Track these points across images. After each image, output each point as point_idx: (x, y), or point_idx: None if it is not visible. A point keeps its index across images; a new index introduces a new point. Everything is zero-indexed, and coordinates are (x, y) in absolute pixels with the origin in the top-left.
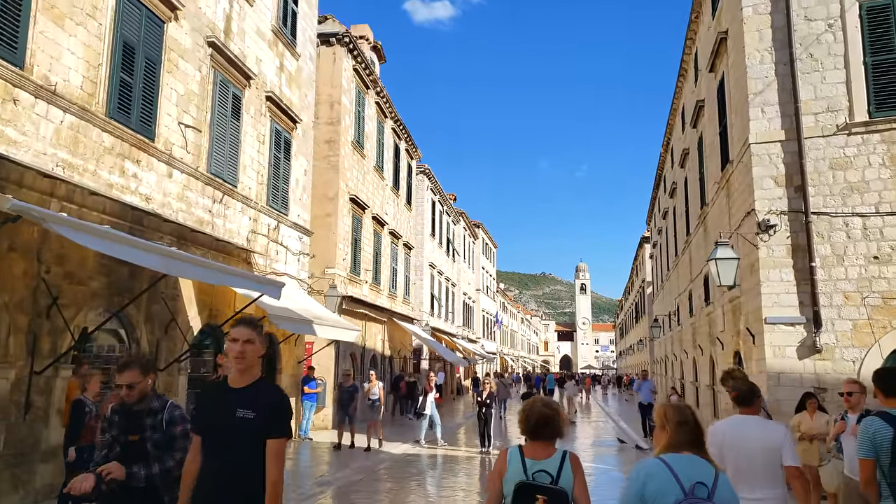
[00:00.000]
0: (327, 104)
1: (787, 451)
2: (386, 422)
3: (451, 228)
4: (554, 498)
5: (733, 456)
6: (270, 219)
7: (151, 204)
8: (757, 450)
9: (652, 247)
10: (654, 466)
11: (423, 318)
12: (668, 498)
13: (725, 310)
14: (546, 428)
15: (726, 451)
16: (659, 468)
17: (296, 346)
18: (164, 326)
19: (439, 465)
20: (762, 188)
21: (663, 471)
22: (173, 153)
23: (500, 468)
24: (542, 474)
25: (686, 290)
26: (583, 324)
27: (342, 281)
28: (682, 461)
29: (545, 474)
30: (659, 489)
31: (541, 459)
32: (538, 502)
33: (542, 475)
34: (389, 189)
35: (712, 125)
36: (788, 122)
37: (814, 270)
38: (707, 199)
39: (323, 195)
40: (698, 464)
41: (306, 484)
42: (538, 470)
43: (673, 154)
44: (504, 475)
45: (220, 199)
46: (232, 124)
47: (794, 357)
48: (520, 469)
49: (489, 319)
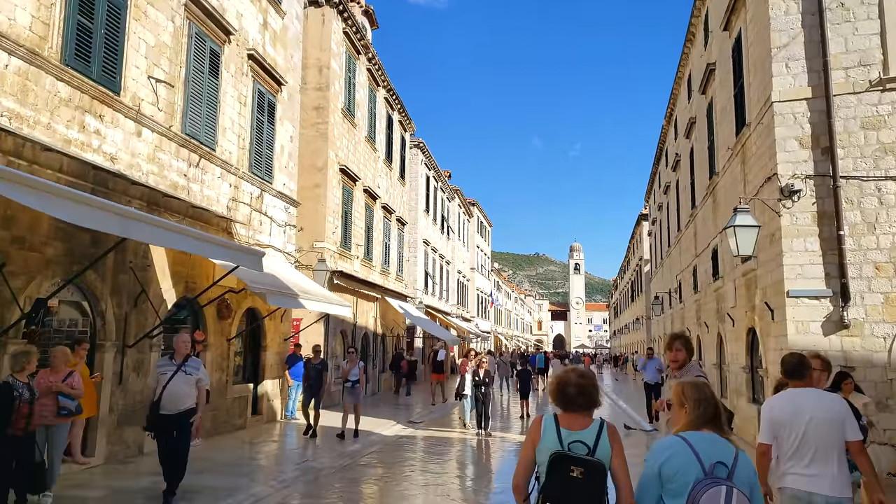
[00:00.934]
0: (315, 68)
1: (850, 424)
2: (386, 401)
3: (446, 205)
4: (591, 470)
5: (786, 432)
6: (253, 186)
7: (117, 164)
8: (812, 423)
9: (651, 224)
10: (674, 444)
11: (416, 295)
12: (687, 477)
13: (738, 284)
14: (580, 397)
15: (778, 428)
16: (679, 446)
17: (282, 323)
18: (133, 299)
19: (433, 449)
20: (785, 150)
21: (684, 449)
22: (142, 110)
23: (533, 436)
24: (578, 445)
25: (690, 265)
26: (576, 303)
27: (332, 255)
28: (703, 440)
29: (581, 445)
30: (679, 468)
31: (577, 430)
32: (574, 474)
33: (577, 446)
34: (382, 162)
35: (725, 88)
36: (816, 77)
37: (842, 239)
38: (717, 168)
39: (311, 165)
40: (719, 443)
41: (288, 469)
42: (574, 440)
43: (677, 125)
44: (538, 444)
45: (196, 162)
46: (210, 82)
47: (819, 333)
48: (555, 439)
49: (484, 298)
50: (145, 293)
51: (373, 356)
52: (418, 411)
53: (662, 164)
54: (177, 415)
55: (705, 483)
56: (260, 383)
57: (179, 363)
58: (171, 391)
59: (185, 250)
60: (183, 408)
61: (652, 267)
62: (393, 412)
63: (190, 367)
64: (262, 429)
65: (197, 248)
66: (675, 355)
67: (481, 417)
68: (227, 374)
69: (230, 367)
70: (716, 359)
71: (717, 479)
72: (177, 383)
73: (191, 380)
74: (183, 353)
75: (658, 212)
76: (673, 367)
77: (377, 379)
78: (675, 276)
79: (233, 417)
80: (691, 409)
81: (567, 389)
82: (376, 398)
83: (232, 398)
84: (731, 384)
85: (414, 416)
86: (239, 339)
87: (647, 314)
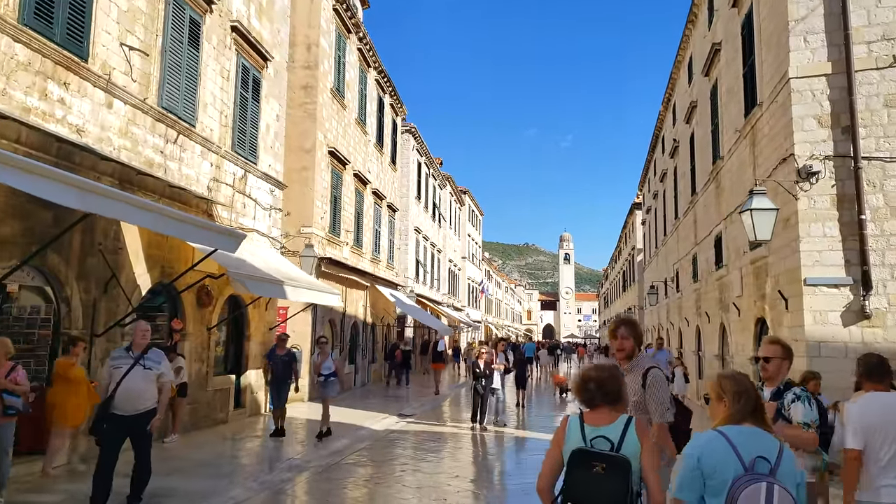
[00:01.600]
0: (304, 46)
1: None
2: (376, 393)
3: (438, 193)
4: (613, 466)
5: (879, 439)
6: (236, 167)
7: (85, 137)
8: None
9: (645, 213)
10: (711, 439)
11: (407, 284)
12: (726, 473)
13: (745, 272)
14: (600, 392)
15: (870, 436)
16: (717, 441)
17: (267, 311)
18: (102, 284)
19: (426, 445)
20: (803, 130)
21: (721, 444)
22: (114, 79)
23: (559, 437)
24: (601, 440)
25: (689, 253)
26: (566, 293)
27: (320, 241)
28: (743, 434)
29: (605, 440)
30: (717, 463)
31: (601, 425)
32: (595, 470)
33: (601, 441)
34: (373, 146)
35: (732, 69)
36: (836, 52)
37: (863, 224)
38: (721, 152)
39: (299, 147)
40: (761, 437)
41: (270, 469)
42: (597, 436)
43: (675, 111)
44: (563, 444)
45: (174, 139)
46: (189, 54)
47: (839, 324)
48: (579, 437)
49: (474, 287)
50: (116, 278)
51: (362, 346)
52: (411, 403)
53: (659, 152)
54: (133, 416)
55: (745, 479)
56: (243, 374)
57: (138, 355)
58: (126, 388)
59: (152, 228)
60: (141, 408)
61: (645, 256)
62: (383, 404)
63: (150, 360)
64: (244, 423)
65: (167, 226)
66: (621, 344)
67: (477, 411)
68: (208, 366)
69: (211, 358)
70: (718, 350)
71: (757, 475)
72: (134, 379)
73: (150, 375)
74: (142, 343)
75: (653, 200)
76: (619, 359)
77: (367, 370)
78: (672, 265)
79: (214, 411)
80: (730, 402)
81: (587, 386)
82: (366, 389)
83: (213, 391)
84: None
85: (406, 408)
86: (221, 327)
87: (639, 304)
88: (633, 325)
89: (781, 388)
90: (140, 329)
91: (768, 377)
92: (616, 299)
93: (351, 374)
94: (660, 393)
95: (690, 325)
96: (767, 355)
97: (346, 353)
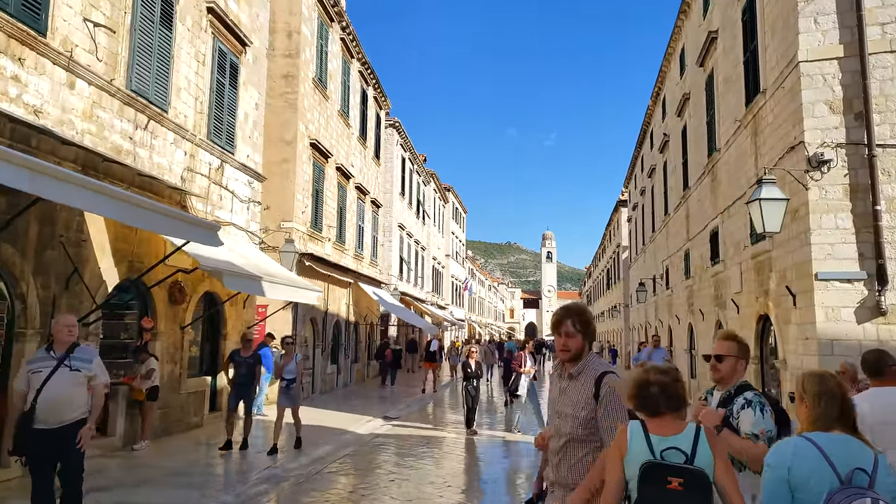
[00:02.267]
0: (284, 33)
1: None
2: (359, 393)
3: (422, 189)
4: (692, 480)
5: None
6: (212, 156)
7: (44, 119)
8: None
9: (631, 209)
10: (801, 447)
11: (391, 281)
12: (820, 486)
13: (745, 267)
14: (664, 396)
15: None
16: (807, 449)
17: (245, 309)
18: (63, 279)
19: (415, 451)
20: (814, 116)
21: (812, 453)
22: (76, 57)
23: (619, 449)
24: (672, 452)
25: (680, 249)
26: (548, 291)
27: (301, 237)
28: (835, 442)
29: (677, 452)
30: (809, 475)
31: (669, 435)
32: (672, 486)
33: (672, 453)
34: (356, 139)
35: (730, 57)
36: (848, 34)
37: (878, 215)
38: (718, 143)
39: (279, 138)
40: (854, 446)
41: (248, 478)
42: (668, 447)
43: (665, 104)
44: (625, 456)
45: (144, 124)
46: (161, 34)
47: (852, 320)
48: (644, 448)
49: (458, 286)
50: (79, 273)
51: (345, 345)
52: (396, 404)
53: (647, 147)
54: (58, 429)
55: (844, 494)
56: (219, 375)
57: (62, 355)
58: (48, 396)
59: (116, 218)
60: (68, 419)
61: (631, 253)
62: (368, 406)
63: (78, 359)
64: (220, 427)
65: (134, 216)
66: (565, 342)
67: (472, 416)
68: (181, 367)
69: (184, 359)
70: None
71: (859, 490)
72: (58, 384)
73: (79, 378)
74: (66, 341)
75: (640, 196)
76: (562, 359)
77: (350, 370)
78: (661, 261)
79: (187, 415)
80: (810, 404)
81: (649, 390)
82: (348, 390)
83: (186, 393)
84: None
85: (391, 410)
86: (195, 326)
87: (625, 301)
88: (582, 316)
89: (733, 391)
90: (63, 324)
91: (720, 378)
92: (600, 297)
93: (333, 375)
94: (616, 409)
95: (682, 323)
96: (720, 353)
97: (329, 353)
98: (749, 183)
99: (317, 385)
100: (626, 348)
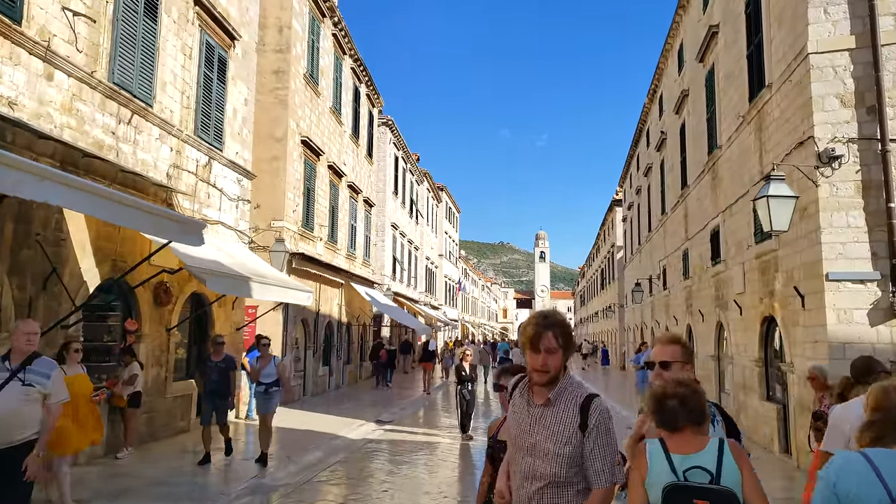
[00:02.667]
0: (275, 28)
1: None
2: (351, 396)
3: (415, 188)
4: (719, 500)
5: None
6: (200, 153)
7: (19, 112)
8: None
9: (626, 209)
10: (850, 462)
11: (384, 282)
12: (868, 500)
13: (748, 267)
14: (684, 409)
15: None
16: (857, 463)
17: (234, 310)
18: (41, 279)
19: (409, 458)
20: (824, 110)
21: (862, 466)
22: (54, 47)
23: (639, 472)
24: (696, 472)
25: (678, 249)
26: (541, 291)
27: (292, 236)
28: (889, 457)
29: (702, 472)
30: (856, 489)
31: (691, 453)
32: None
33: (696, 473)
34: (348, 137)
35: (732, 51)
36: (860, 25)
37: (892, 213)
38: (719, 140)
39: (269, 135)
40: None
41: (233, 489)
42: (691, 467)
43: (662, 102)
44: (646, 479)
45: (128, 119)
46: (146, 25)
47: (865, 323)
48: (666, 468)
49: (451, 286)
50: (58, 273)
51: (337, 347)
52: (389, 407)
53: (643, 146)
54: (6, 451)
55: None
56: None
57: (16, 367)
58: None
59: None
60: (16, 439)
61: (626, 253)
62: (360, 409)
63: (34, 372)
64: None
65: (115, 213)
66: (545, 361)
67: (468, 420)
68: (167, 370)
69: (170, 362)
70: (714, 350)
71: None
72: (6, 399)
73: (31, 394)
74: (25, 350)
75: (636, 196)
76: (538, 382)
77: (342, 371)
78: (658, 261)
79: (173, 420)
80: (868, 418)
81: (667, 403)
82: (340, 392)
83: (173, 397)
84: (735, 379)
85: (384, 413)
86: (182, 328)
87: (619, 302)
88: (565, 327)
89: None
90: (23, 331)
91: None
92: (593, 297)
93: (325, 377)
94: (612, 443)
95: (680, 324)
96: (665, 359)
97: (321, 355)
98: (753, 180)
99: (308, 387)
100: (620, 349)
